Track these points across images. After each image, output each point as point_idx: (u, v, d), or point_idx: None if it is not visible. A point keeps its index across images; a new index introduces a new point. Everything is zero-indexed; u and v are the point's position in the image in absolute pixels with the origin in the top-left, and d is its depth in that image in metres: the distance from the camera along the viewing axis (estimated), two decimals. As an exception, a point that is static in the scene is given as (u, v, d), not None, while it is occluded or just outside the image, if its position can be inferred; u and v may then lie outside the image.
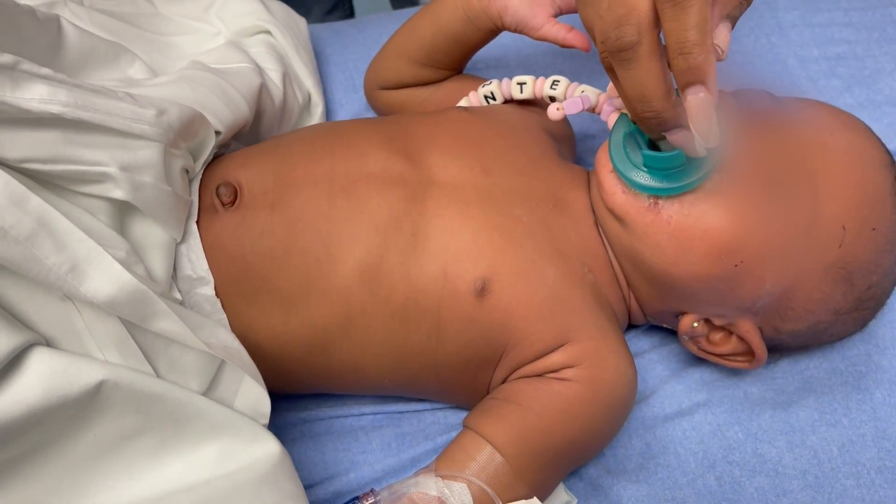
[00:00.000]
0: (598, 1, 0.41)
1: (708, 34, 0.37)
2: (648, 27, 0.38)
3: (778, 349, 0.55)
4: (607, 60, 0.41)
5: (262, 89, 0.58)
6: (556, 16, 0.57)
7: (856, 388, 0.55)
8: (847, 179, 0.47)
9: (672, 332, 0.58)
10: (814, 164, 0.47)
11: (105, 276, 0.38)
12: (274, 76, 0.61)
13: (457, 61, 0.62)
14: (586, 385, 0.47)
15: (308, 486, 0.50)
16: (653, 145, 0.46)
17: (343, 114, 0.70)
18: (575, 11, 0.57)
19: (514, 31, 0.57)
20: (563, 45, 0.56)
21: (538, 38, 0.57)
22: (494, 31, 0.59)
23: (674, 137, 0.42)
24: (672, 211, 0.46)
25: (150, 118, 0.44)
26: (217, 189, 0.49)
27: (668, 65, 0.39)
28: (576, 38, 0.55)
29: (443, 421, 0.55)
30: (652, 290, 0.51)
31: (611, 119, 0.52)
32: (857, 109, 0.69)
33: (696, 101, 0.39)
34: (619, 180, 0.47)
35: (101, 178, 0.42)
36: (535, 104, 0.59)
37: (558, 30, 0.56)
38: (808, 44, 0.73)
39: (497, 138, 0.54)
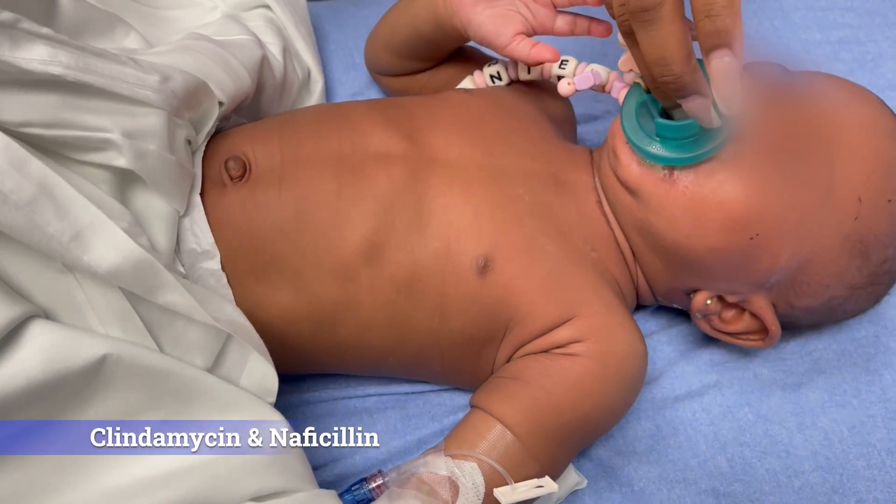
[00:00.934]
0: None
1: None
2: None
3: (789, 327, 0.54)
4: (626, 23, 0.40)
5: (264, 62, 0.56)
6: (528, 34, 0.54)
7: (865, 370, 0.55)
8: (862, 150, 0.46)
9: (680, 313, 0.57)
10: (829, 135, 0.46)
11: (109, 245, 0.36)
12: (274, 50, 0.60)
13: (440, 57, 0.61)
14: (596, 359, 0.46)
15: (313, 468, 0.49)
16: (665, 115, 0.45)
17: (343, 91, 0.69)
18: (550, 33, 0.55)
19: (480, 44, 0.55)
20: (529, 63, 0.54)
21: (504, 56, 0.55)
22: (465, 39, 0.57)
23: (690, 105, 0.41)
24: (687, 182, 0.45)
25: (155, 84, 0.42)
26: (226, 163, 0.47)
27: (694, 27, 0.38)
28: (540, 52, 0.53)
29: (448, 402, 0.54)
30: (664, 266, 0.50)
31: (621, 95, 0.51)
32: (860, 93, 0.69)
33: (721, 65, 0.38)
34: (633, 152, 0.46)
35: (103, 145, 0.40)
36: (540, 86, 0.58)
37: (523, 47, 0.53)
38: (811, 27, 0.73)
39: (498, 120, 0.53)
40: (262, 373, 0.43)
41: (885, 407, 0.53)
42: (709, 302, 0.50)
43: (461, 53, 0.63)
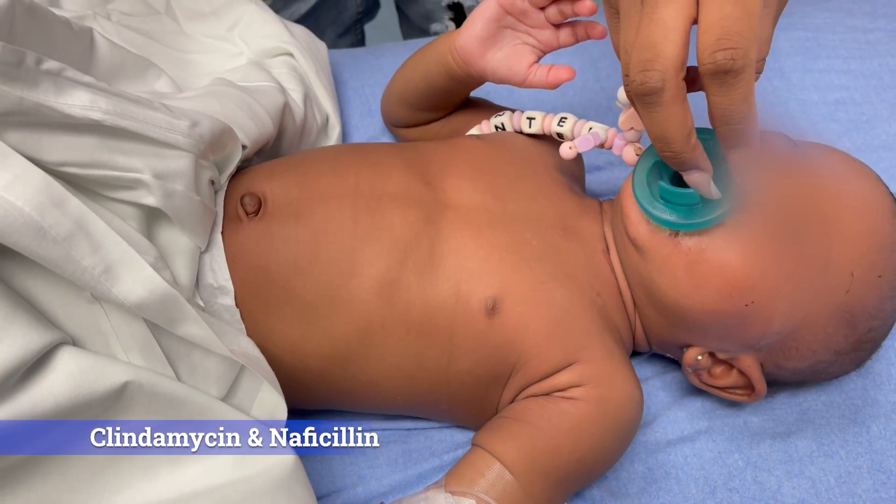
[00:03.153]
0: (626, 30, 0.41)
1: (753, 103, 0.38)
2: (674, 73, 0.37)
3: (777, 384, 0.56)
4: (629, 92, 0.41)
5: (286, 108, 0.59)
6: (539, 59, 0.57)
7: (852, 421, 0.56)
8: (858, 227, 0.48)
9: (674, 361, 0.59)
10: (828, 211, 0.48)
11: (137, 278, 0.39)
12: (295, 96, 0.63)
13: (453, 105, 0.64)
14: (594, 404, 0.48)
15: (317, 498, 0.51)
16: (678, 177, 0.47)
17: (359, 136, 0.72)
18: (556, 49, 0.57)
19: (500, 84, 0.58)
20: (550, 87, 0.56)
21: (526, 87, 0.57)
22: (481, 83, 0.60)
23: (690, 178, 0.43)
24: (691, 245, 0.47)
25: (184, 129, 0.45)
26: (242, 199, 0.50)
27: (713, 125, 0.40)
28: (557, 74, 0.55)
29: (449, 439, 0.56)
30: (662, 320, 0.52)
31: (625, 152, 0.54)
32: (855, 153, 0.69)
33: (740, 158, 0.40)
34: (642, 212, 0.48)
35: (134, 184, 0.43)
36: (544, 138, 0.61)
37: (540, 75, 0.56)
38: (809, 88, 0.75)
39: (509, 167, 0.55)
40: (272, 403, 0.45)
41: (872, 458, 0.55)
42: (699, 357, 0.52)
43: (471, 103, 0.66)
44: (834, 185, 0.50)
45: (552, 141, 0.60)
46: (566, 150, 0.54)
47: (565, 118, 0.57)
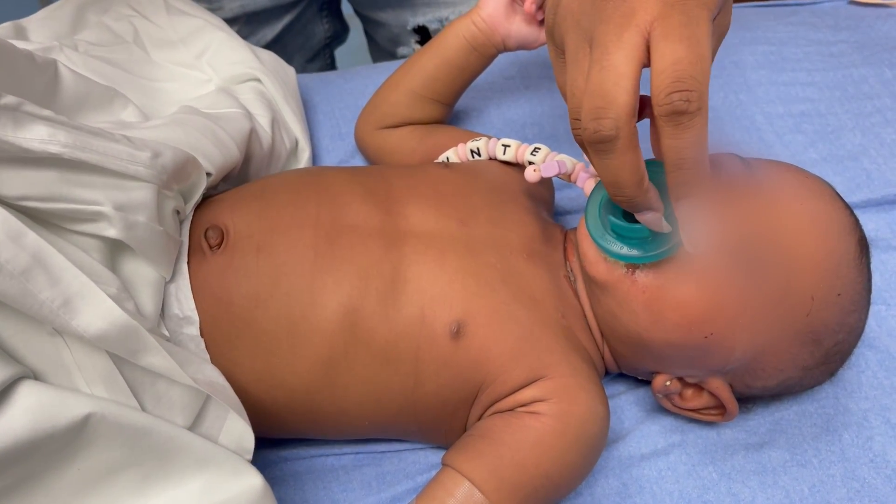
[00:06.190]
0: (574, 74, 0.41)
1: (706, 149, 0.38)
2: (627, 121, 0.38)
3: (750, 399, 0.56)
4: (579, 138, 0.42)
5: (252, 133, 0.59)
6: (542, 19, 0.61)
7: (825, 430, 0.57)
8: (816, 251, 0.48)
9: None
10: (785, 239, 0.48)
11: (97, 311, 0.39)
12: (263, 121, 0.63)
13: (455, 91, 0.67)
14: (557, 418, 0.48)
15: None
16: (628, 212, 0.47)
17: (329, 159, 0.72)
18: None
19: (516, 50, 0.65)
20: None
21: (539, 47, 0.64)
22: (495, 56, 0.66)
23: (643, 217, 0.44)
24: (647, 281, 0.48)
25: (146, 160, 0.45)
26: (205, 232, 0.50)
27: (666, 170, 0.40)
28: None
29: (423, 460, 0.56)
30: (627, 351, 0.53)
31: (587, 185, 0.54)
32: (821, 163, 0.72)
33: (689, 211, 0.41)
34: (598, 250, 0.49)
35: (95, 216, 0.43)
36: (517, 165, 0.61)
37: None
38: (774, 101, 0.76)
39: (474, 194, 0.56)
40: (239, 432, 0.45)
41: (845, 467, 0.55)
42: (668, 383, 0.52)
43: (449, 129, 0.67)
44: (789, 208, 0.49)
45: (521, 168, 0.61)
46: (530, 173, 0.55)
47: (539, 148, 0.59)
